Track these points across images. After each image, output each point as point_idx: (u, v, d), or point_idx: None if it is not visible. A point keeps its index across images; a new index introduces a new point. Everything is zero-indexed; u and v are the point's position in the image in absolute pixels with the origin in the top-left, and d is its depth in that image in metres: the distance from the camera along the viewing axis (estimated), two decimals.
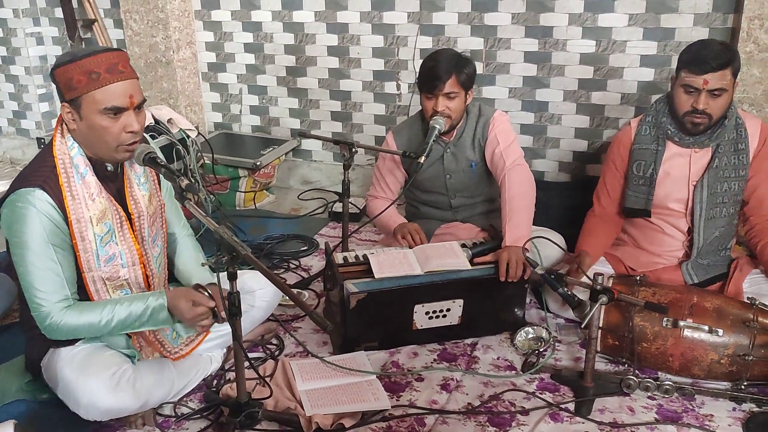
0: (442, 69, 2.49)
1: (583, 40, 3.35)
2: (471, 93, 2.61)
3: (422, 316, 2.39)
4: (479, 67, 3.39)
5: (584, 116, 3.48)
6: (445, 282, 2.37)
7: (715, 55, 2.19)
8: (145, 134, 2.05)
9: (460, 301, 2.39)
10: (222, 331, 2.22)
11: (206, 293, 1.94)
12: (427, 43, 3.65)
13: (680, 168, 2.39)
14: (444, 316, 2.41)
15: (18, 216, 1.83)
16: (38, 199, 1.83)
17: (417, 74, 3.66)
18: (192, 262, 2.23)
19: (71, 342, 1.98)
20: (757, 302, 2.11)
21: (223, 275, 1.75)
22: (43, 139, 3.50)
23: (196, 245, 2.30)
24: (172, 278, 2.26)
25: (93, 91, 1.80)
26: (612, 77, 3.36)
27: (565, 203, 3.22)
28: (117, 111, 1.83)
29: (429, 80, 2.52)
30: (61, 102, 1.87)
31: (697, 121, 2.27)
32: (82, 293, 1.96)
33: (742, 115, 2.37)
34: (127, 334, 2.02)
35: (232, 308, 1.75)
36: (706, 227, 2.39)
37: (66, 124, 1.90)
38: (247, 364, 1.87)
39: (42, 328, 1.89)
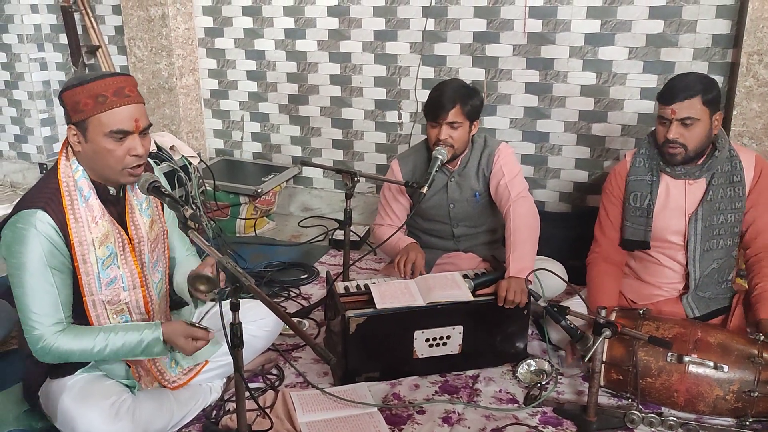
0: (447, 98, 2.51)
1: (583, 73, 3.39)
2: (477, 124, 2.63)
3: (422, 344, 2.38)
4: None
5: (585, 147, 3.50)
6: (444, 307, 2.36)
7: (683, 86, 2.25)
8: (150, 160, 2.06)
9: (460, 328, 2.38)
10: (222, 361, 2.20)
11: (204, 327, 1.95)
12: (428, 73, 3.69)
13: (676, 200, 2.40)
14: (444, 344, 2.40)
15: (18, 237, 1.83)
16: (39, 220, 1.82)
17: (421, 103, 3.71)
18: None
19: (69, 371, 1.96)
20: (761, 337, 2.10)
21: (225, 305, 1.73)
22: (46, 164, 3.50)
23: (199, 263, 2.28)
24: (173, 306, 2.25)
25: (99, 114, 1.81)
26: (612, 109, 3.39)
27: (566, 233, 3.22)
28: (122, 134, 1.84)
29: (433, 109, 2.54)
30: (67, 124, 1.88)
31: (671, 152, 2.30)
32: (82, 317, 1.94)
33: (736, 147, 2.39)
34: (126, 363, 2.02)
35: (234, 339, 1.73)
36: (702, 259, 2.39)
37: (71, 146, 1.90)
38: (247, 394, 1.85)
39: (33, 351, 1.87)
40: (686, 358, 2.09)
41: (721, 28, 3.10)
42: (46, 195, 1.87)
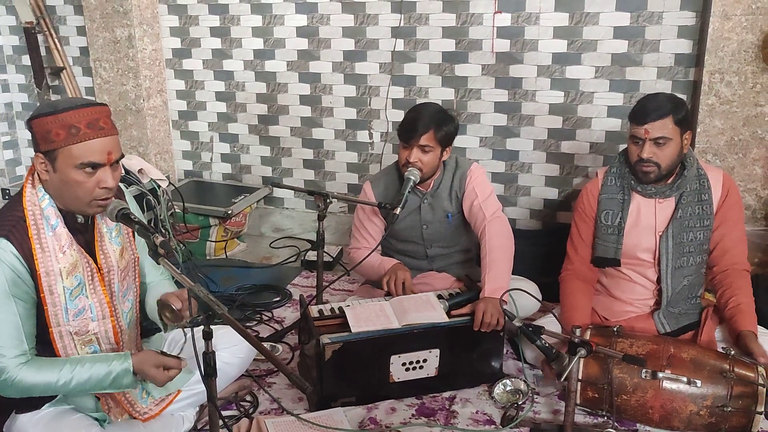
0: (422, 122, 2.52)
1: (551, 91, 3.44)
2: (449, 150, 2.64)
3: (399, 368, 2.36)
4: None
5: (554, 165, 3.54)
6: (421, 331, 2.35)
7: (655, 106, 2.29)
8: (120, 184, 2.02)
9: (437, 351, 2.37)
10: (195, 390, 2.15)
11: (176, 356, 1.91)
12: (398, 93, 3.71)
13: (647, 218, 2.43)
14: (421, 367, 2.39)
15: None
16: (2, 249, 1.77)
17: (392, 123, 3.72)
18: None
19: (36, 405, 1.90)
20: (732, 352, 2.13)
21: (198, 333, 1.70)
22: (8, 190, 3.41)
23: (173, 286, 2.23)
24: (143, 334, 2.19)
25: (71, 146, 1.76)
26: (580, 127, 3.44)
27: (537, 251, 3.24)
28: (93, 166, 1.79)
29: (407, 130, 2.55)
30: (35, 152, 1.82)
31: (645, 170, 2.33)
32: (49, 349, 1.88)
33: (704, 166, 2.44)
34: (95, 395, 1.96)
35: (207, 368, 1.70)
36: (673, 276, 2.42)
37: (38, 174, 1.85)
38: (221, 423, 1.81)
39: None
40: (660, 374, 2.11)
41: (683, 47, 3.18)
42: (9, 223, 1.81)
